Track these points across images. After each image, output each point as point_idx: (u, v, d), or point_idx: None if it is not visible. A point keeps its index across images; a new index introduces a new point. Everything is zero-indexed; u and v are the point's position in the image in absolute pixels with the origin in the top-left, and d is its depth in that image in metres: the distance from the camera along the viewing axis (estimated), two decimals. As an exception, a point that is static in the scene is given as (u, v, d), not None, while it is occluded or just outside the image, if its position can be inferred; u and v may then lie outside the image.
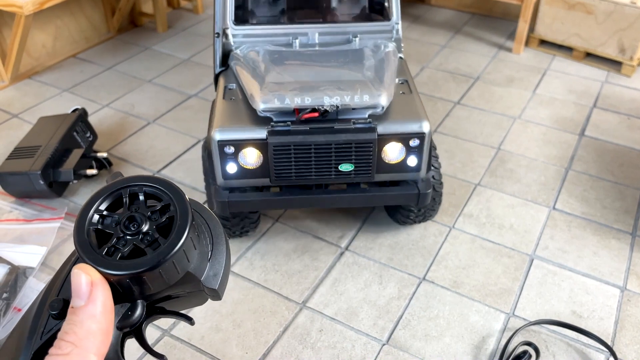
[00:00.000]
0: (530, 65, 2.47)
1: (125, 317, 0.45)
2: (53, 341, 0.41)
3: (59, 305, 0.44)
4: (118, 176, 0.48)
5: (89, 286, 0.42)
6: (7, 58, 2.21)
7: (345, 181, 1.37)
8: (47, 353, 0.41)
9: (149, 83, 2.32)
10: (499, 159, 1.89)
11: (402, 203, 1.42)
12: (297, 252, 1.54)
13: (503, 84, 2.33)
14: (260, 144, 1.29)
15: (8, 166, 1.64)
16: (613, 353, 1.28)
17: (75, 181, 1.69)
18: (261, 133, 1.28)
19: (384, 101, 1.29)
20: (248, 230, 1.52)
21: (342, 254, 1.54)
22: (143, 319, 0.46)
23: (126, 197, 0.47)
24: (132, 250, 0.44)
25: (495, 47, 2.61)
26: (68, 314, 0.42)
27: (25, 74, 2.34)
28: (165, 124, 2.06)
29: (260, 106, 1.27)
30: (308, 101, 1.26)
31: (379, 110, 1.30)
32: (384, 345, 1.30)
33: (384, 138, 1.30)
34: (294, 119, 1.28)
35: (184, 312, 0.51)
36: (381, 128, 1.29)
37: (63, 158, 1.69)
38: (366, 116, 1.30)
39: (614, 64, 2.43)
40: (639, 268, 1.51)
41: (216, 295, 0.48)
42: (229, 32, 1.50)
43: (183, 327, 1.34)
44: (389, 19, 1.54)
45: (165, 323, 1.34)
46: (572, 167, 1.87)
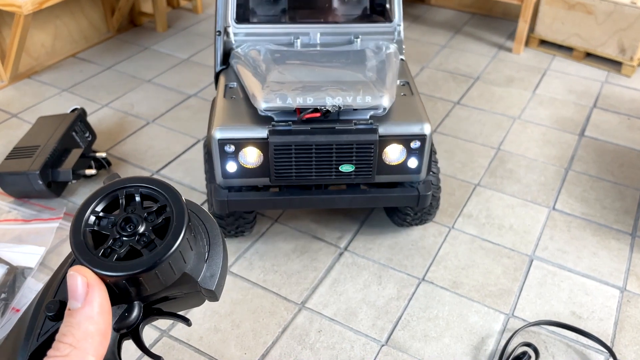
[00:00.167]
0: (530, 65, 2.47)
1: (122, 319, 0.45)
2: (50, 343, 0.41)
3: (56, 307, 0.44)
4: (115, 177, 0.47)
5: (85, 288, 0.42)
6: (7, 58, 2.21)
7: (345, 182, 1.37)
8: (45, 355, 0.41)
9: (149, 83, 2.32)
10: (499, 159, 1.89)
11: (402, 204, 1.42)
12: (296, 253, 1.54)
13: (503, 84, 2.33)
14: (260, 144, 1.29)
15: (7, 166, 1.64)
16: (612, 354, 1.28)
17: (74, 181, 1.69)
18: (262, 132, 1.28)
19: (386, 102, 1.28)
20: (244, 230, 1.51)
21: (342, 255, 1.53)
22: (140, 320, 0.47)
23: (122, 199, 0.47)
24: (129, 251, 0.44)
25: (495, 47, 2.61)
26: (65, 316, 0.42)
27: (24, 74, 2.33)
28: (164, 124, 2.06)
29: (262, 105, 1.27)
30: (310, 101, 1.25)
31: (381, 111, 1.29)
32: (383, 345, 1.30)
33: (385, 139, 1.30)
34: (295, 119, 1.28)
35: (181, 314, 0.51)
36: (382, 129, 1.29)
37: (62, 158, 1.69)
38: (368, 117, 1.30)
39: (614, 64, 2.43)
40: (639, 269, 1.51)
41: (213, 296, 0.48)
42: (230, 31, 1.50)
43: (182, 328, 1.33)
44: (391, 21, 1.54)
45: (163, 324, 1.34)
46: (572, 168, 1.86)
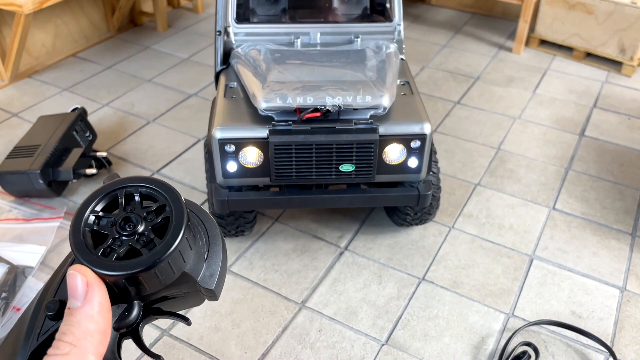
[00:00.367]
0: (530, 65, 2.47)
1: (121, 318, 0.45)
2: (50, 342, 0.42)
3: (55, 306, 0.44)
4: (114, 177, 0.48)
5: (85, 287, 0.42)
6: (7, 57, 2.21)
7: (345, 182, 1.37)
8: (45, 354, 0.41)
9: (149, 82, 2.32)
10: (499, 159, 1.89)
11: (402, 204, 1.42)
12: (297, 252, 1.54)
13: (503, 84, 2.32)
14: (261, 143, 1.29)
15: (7, 165, 1.64)
16: (612, 353, 1.28)
17: (74, 180, 1.69)
18: (262, 132, 1.28)
19: (386, 102, 1.28)
20: (244, 230, 1.51)
21: (342, 254, 1.54)
22: (140, 320, 0.47)
23: (122, 198, 0.47)
24: (128, 250, 0.44)
25: (495, 47, 2.61)
26: (65, 315, 0.42)
27: (25, 73, 2.34)
28: (165, 123, 2.06)
29: (262, 105, 1.27)
30: (310, 101, 1.25)
31: (381, 111, 1.30)
32: (383, 345, 1.30)
33: (385, 139, 1.30)
34: (296, 119, 1.28)
35: (181, 313, 0.51)
36: (382, 129, 1.29)
37: (62, 157, 1.69)
38: (368, 117, 1.30)
39: (614, 64, 2.43)
40: (639, 268, 1.51)
41: (213, 295, 0.48)
42: (231, 30, 1.50)
43: (182, 327, 1.33)
44: (391, 20, 1.54)
45: (164, 323, 1.34)
46: (572, 167, 1.86)
